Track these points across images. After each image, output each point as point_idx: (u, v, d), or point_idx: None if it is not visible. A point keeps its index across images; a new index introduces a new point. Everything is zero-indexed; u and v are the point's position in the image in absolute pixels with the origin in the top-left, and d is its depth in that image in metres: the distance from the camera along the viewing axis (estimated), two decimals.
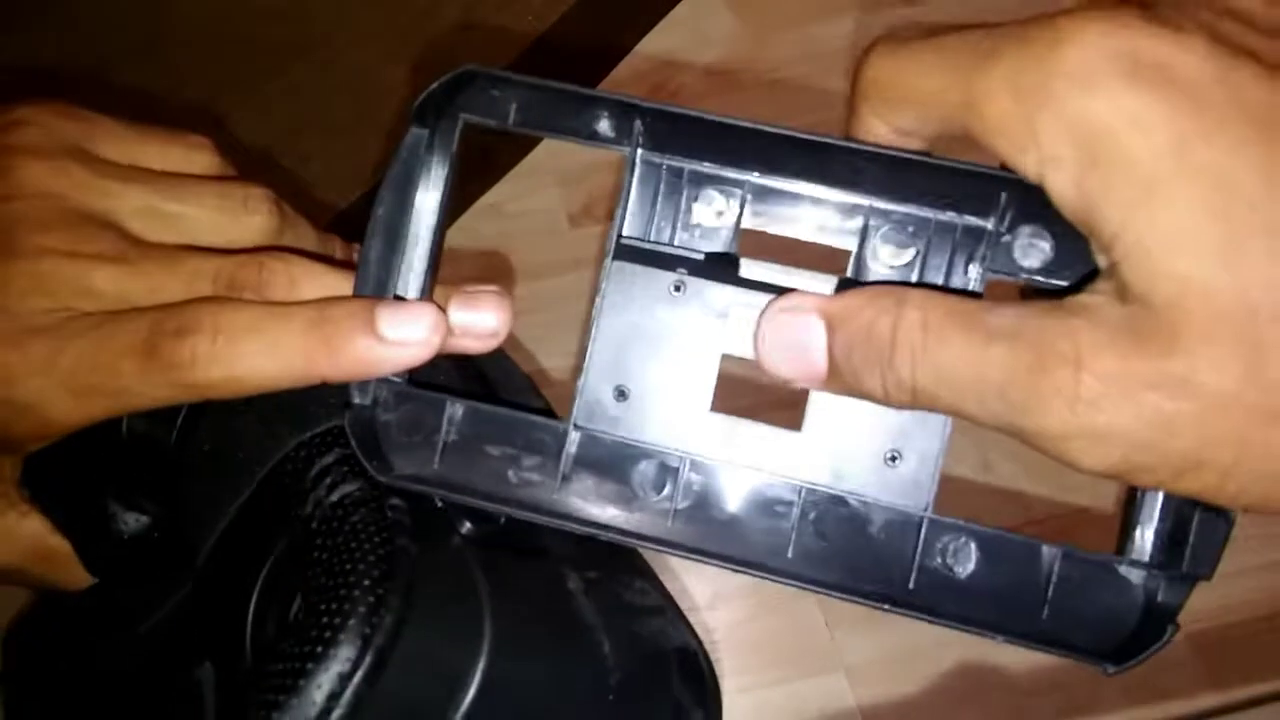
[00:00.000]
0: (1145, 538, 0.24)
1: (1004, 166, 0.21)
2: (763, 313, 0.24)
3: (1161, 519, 0.23)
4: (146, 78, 0.67)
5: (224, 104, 0.67)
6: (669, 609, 0.34)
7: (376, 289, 0.26)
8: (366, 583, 0.24)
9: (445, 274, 0.27)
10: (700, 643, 0.34)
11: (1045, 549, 0.24)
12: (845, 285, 0.25)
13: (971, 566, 0.24)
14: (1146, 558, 0.23)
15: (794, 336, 0.23)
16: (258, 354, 0.24)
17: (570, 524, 0.24)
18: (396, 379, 0.26)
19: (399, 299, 0.25)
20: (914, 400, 0.22)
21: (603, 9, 0.73)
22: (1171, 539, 0.23)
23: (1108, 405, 0.19)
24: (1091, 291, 0.21)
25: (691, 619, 0.60)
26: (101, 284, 0.25)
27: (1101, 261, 0.21)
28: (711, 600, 0.56)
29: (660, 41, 0.74)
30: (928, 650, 0.55)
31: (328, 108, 0.67)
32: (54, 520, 0.30)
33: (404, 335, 0.24)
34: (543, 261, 0.67)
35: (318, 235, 0.30)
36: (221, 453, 0.28)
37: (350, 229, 0.29)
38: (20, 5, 0.71)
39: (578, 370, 0.26)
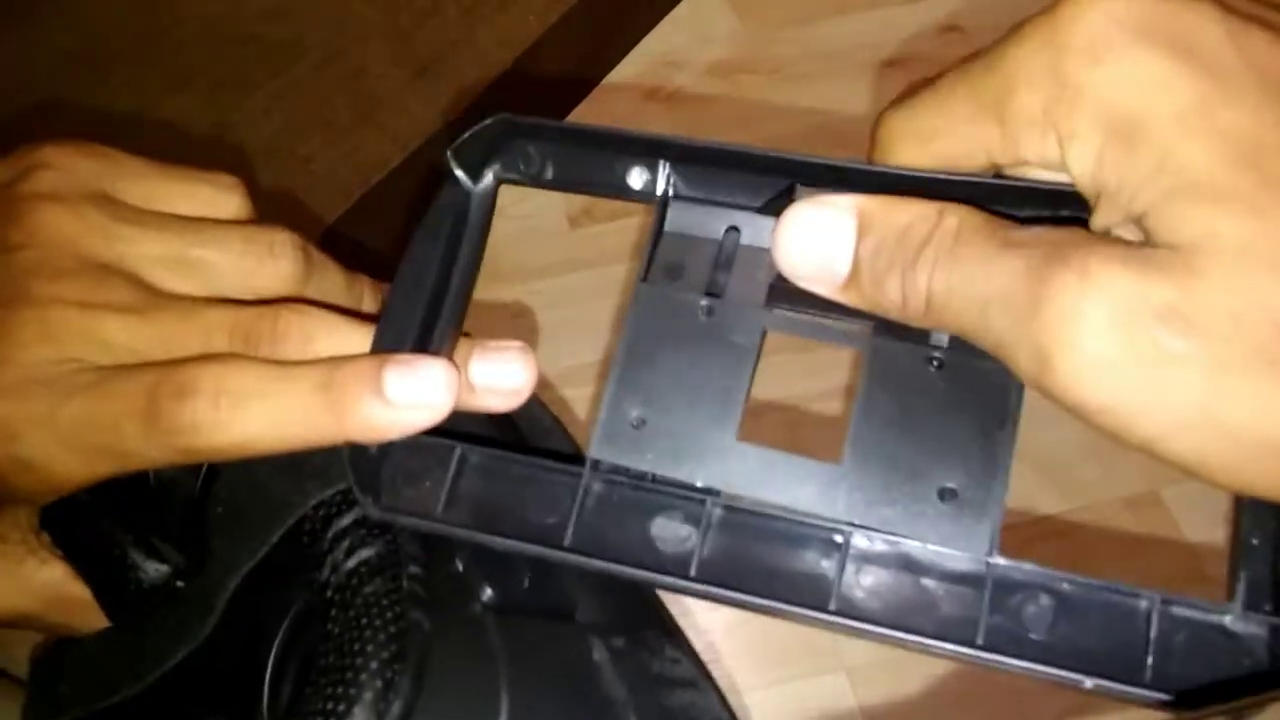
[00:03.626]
0: (1257, 582, 0.20)
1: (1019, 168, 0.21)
2: (790, 207, 0.22)
3: (1274, 554, 0.20)
4: (146, 78, 0.67)
5: (224, 104, 0.66)
6: (701, 680, 0.32)
7: (395, 344, 0.25)
8: (375, 665, 0.23)
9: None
10: (734, 716, 0.32)
11: (1141, 600, 0.20)
12: (884, 327, 0.22)
13: (1049, 626, 0.20)
14: (1263, 605, 0.20)
15: (820, 233, 0.21)
16: (261, 419, 0.23)
17: (583, 561, 0.22)
18: None
19: (417, 351, 0.24)
20: (928, 310, 0.20)
21: (604, 8, 0.73)
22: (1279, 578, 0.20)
23: (1109, 327, 0.18)
24: (1115, 229, 0.20)
25: (692, 619, 0.60)
26: (111, 335, 0.24)
27: (1099, 225, 0.20)
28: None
29: (661, 41, 0.74)
30: None
31: (328, 108, 0.67)
32: (74, 567, 0.29)
33: (414, 399, 0.23)
34: (543, 262, 0.67)
35: (346, 279, 0.29)
36: (241, 506, 0.28)
37: (350, 230, 0.29)
38: (20, 5, 0.71)
39: (594, 376, 0.25)
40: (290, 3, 0.70)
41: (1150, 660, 0.20)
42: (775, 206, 0.24)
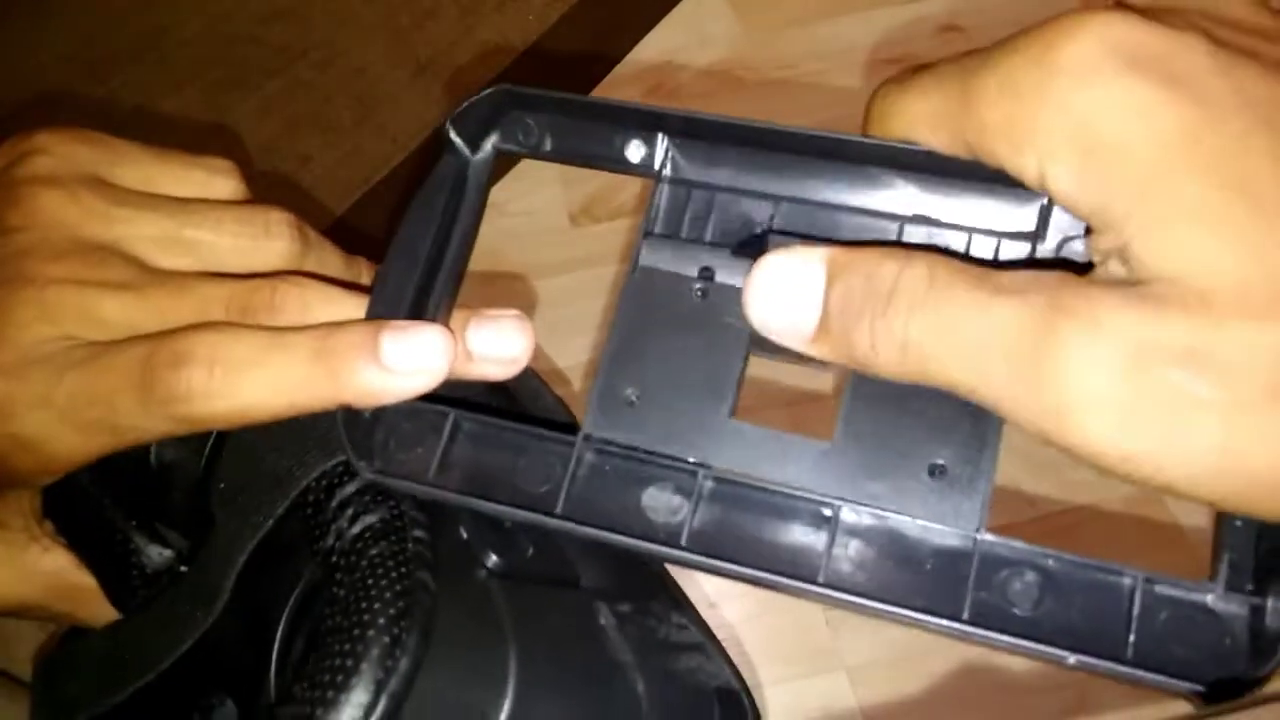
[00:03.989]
0: (1240, 560, 0.20)
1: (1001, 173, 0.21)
2: (759, 259, 0.21)
3: (1259, 535, 0.20)
4: (146, 78, 0.67)
5: (224, 104, 0.67)
6: (708, 645, 0.32)
7: (390, 311, 0.25)
8: (382, 621, 0.23)
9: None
10: (743, 682, 0.32)
11: (1125, 578, 0.20)
12: None
13: (1034, 601, 0.21)
14: (1243, 583, 0.20)
15: (789, 283, 0.21)
16: (258, 385, 0.23)
17: (575, 528, 0.22)
18: None
19: (411, 320, 0.24)
20: (902, 358, 0.19)
21: (603, 8, 0.73)
22: (1267, 557, 0.20)
23: (1125, 374, 0.17)
24: (1105, 268, 0.19)
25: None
26: (108, 312, 0.24)
27: (1100, 256, 0.20)
28: (713, 599, 0.56)
29: (661, 40, 0.74)
30: (928, 650, 0.55)
31: (328, 108, 0.67)
32: (78, 554, 0.29)
33: (410, 364, 0.23)
34: (544, 260, 0.67)
35: (343, 259, 0.29)
36: (243, 481, 0.28)
37: (350, 231, 0.29)
38: (20, 5, 0.71)
39: (592, 374, 0.25)
40: (290, 3, 0.70)
41: (1132, 637, 0.20)
42: (750, 251, 0.24)
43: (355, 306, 0.25)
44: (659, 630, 0.30)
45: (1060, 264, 0.22)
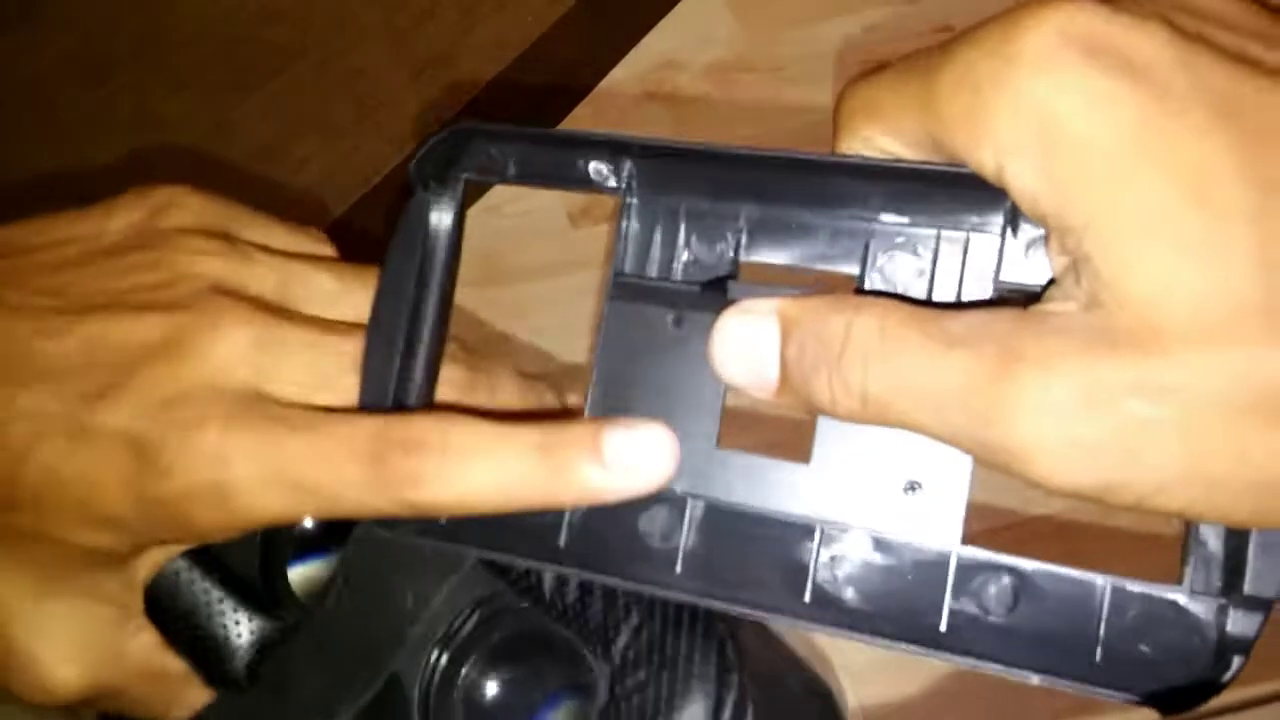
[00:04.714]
0: (1207, 564, 0.21)
1: (954, 165, 0.21)
2: (717, 321, 0.22)
3: (1225, 540, 0.21)
4: (146, 78, 0.67)
5: (223, 104, 0.67)
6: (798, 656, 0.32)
7: (387, 350, 0.26)
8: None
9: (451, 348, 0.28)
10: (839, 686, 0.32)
11: (1096, 583, 0.21)
12: None
13: (1009, 606, 0.22)
14: (1210, 587, 0.21)
15: (746, 341, 0.22)
16: (483, 476, 0.23)
17: (575, 570, 0.23)
18: None
19: (636, 419, 0.24)
20: (863, 408, 0.20)
21: (602, 9, 0.73)
22: (1231, 562, 0.21)
23: (1080, 412, 0.18)
24: (1061, 296, 0.19)
25: None
26: (302, 364, 0.25)
27: (1059, 266, 0.20)
28: None
29: (660, 41, 0.74)
30: None
31: (327, 109, 0.67)
32: (164, 633, 0.28)
33: (633, 463, 0.23)
34: (543, 262, 0.67)
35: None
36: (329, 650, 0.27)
37: (349, 232, 0.30)
38: (20, 5, 0.71)
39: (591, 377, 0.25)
40: (289, 3, 0.70)
41: (1102, 633, 0.21)
42: (717, 301, 0.24)
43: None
44: (771, 641, 0.30)
45: (1018, 293, 0.23)
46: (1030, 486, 0.19)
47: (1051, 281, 0.20)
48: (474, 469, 0.23)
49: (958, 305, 0.23)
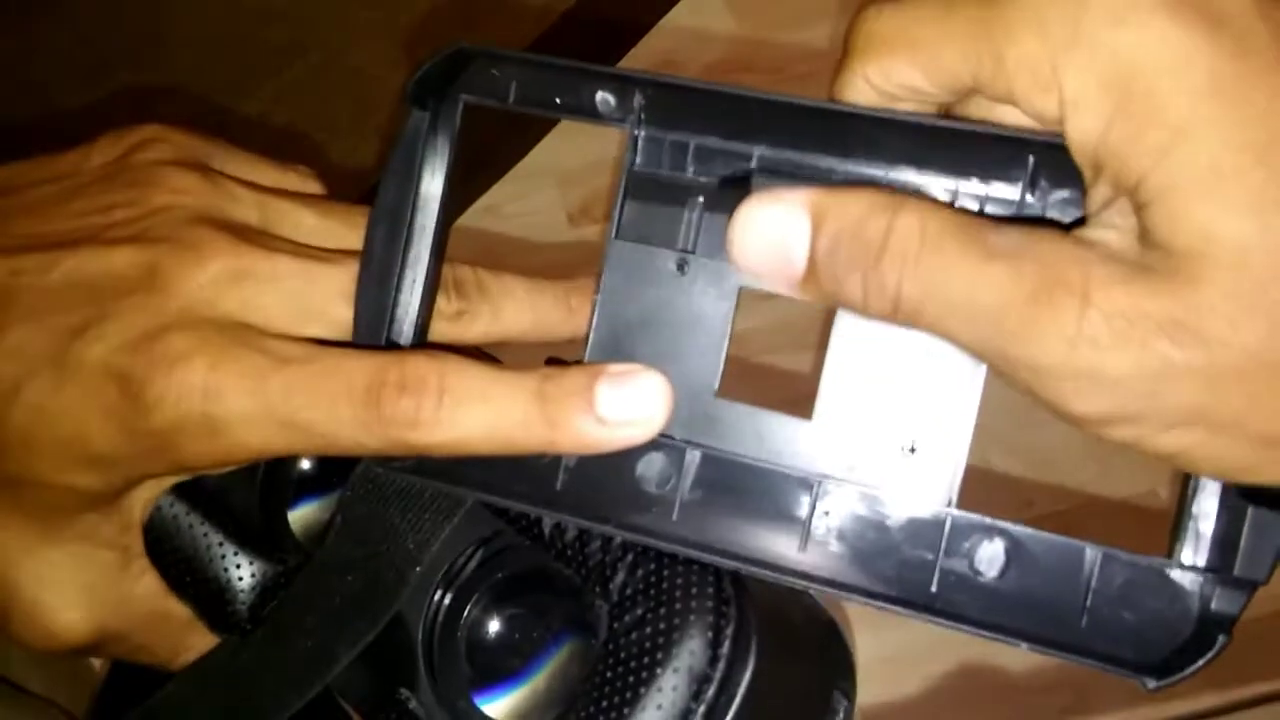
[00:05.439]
0: (1198, 539, 0.21)
1: (1010, 117, 0.20)
2: (741, 205, 0.21)
3: (1217, 518, 0.21)
4: (145, 79, 0.67)
5: (223, 104, 0.67)
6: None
7: (382, 278, 0.25)
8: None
9: (446, 276, 0.27)
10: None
11: (1086, 551, 0.21)
12: None
13: (1000, 568, 0.22)
14: (1199, 561, 0.21)
15: (774, 228, 0.21)
16: (480, 419, 0.23)
17: (571, 517, 0.23)
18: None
19: (629, 365, 0.23)
20: (894, 311, 0.20)
21: (602, 9, 0.73)
22: (1222, 540, 0.21)
23: (1111, 345, 0.18)
24: (1108, 226, 0.19)
25: None
26: (289, 290, 0.25)
27: (1099, 202, 0.19)
28: None
29: (659, 41, 0.74)
30: (928, 650, 0.55)
31: (326, 109, 0.67)
32: (166, 577, 0.28)
33: (626, 414, 0.22)
34: (543, 262, 0.67)
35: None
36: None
37: None
38: (17, 6, 0.71)
39: (579, 355, 0.25)
40: (290, 3, 0.70)
41: (1089, 601, 0.21)
42: (733, 193, 0.23)
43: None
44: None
45: (1047, 222, 0.22)
46: (1037, 406, 0.19)
47: (1082, 221, 0.20)
48: (470, 413, 0.23)
49: (995, 217, 0.22)
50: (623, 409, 0.23)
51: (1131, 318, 0.18)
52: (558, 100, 0.24)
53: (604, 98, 0.24)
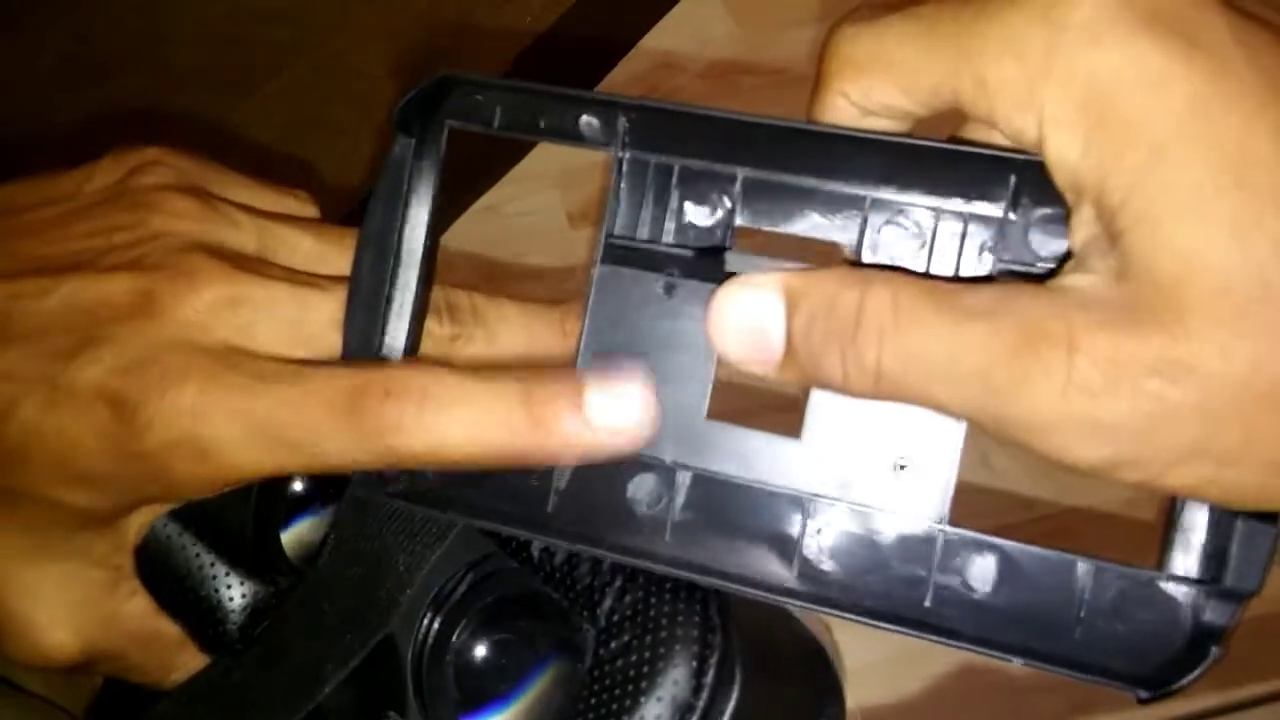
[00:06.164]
0: (1189, 551, 0.21)
1: (984, 139, 0.21)
2: (717, 290, 0.22)
3: (1206, 530, 0.21)
4: (145, 79, 0.68)
5: (224, 104, 0.67)
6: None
7: (370, 303, 0.25)
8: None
9: (444, 278, 0.27)
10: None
11: (1079, 565, 0.21)
12: None
13: (993, 583, 0.22)
14: (1190, 573, 0.21)
15: (750, 315, 0.21)
16: (463, 424, 0.23)
17: (562, 542, 0.23)
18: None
19: (619, 374, 0.23)
20: (876, 385, 0.20)
21: (600, 9, 0.73)
22: (1213, 551, 0.21)
23: (1103, 391, 0.17)
24: (1083, 271, 0.19)
25: None
26: (280, 314, 0.25)
27: (1082, 239, 0.19)
28: None
29: (658, 42, 0.74)
30: (928, 650, 0.55)
31: (326, 109, 0.67)
32: (157, 597, 0.28)
33: (615, 421, 0.22)
34: (543, 262, 0.67)
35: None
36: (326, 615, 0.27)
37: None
38: (21, 5, 0.71)
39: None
40: (289, 3, 0.70)
41: (1081, 614, 0.21)
42: (712, 270, 0.24)
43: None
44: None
45: (1019, 275, 0.22)
46: (1036, 460, 0.19)
47: (1068, 257, 0.20)
48: (454, 416, 0.23)
49: (966, 279, 0.23)
50: (611, 414, 0.22)
51: (1120, 362, 0.17)
52: (541, 124, 0.25)
53: (588, 121, 0.24)
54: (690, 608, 0.23)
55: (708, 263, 0.24)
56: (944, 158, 0.22)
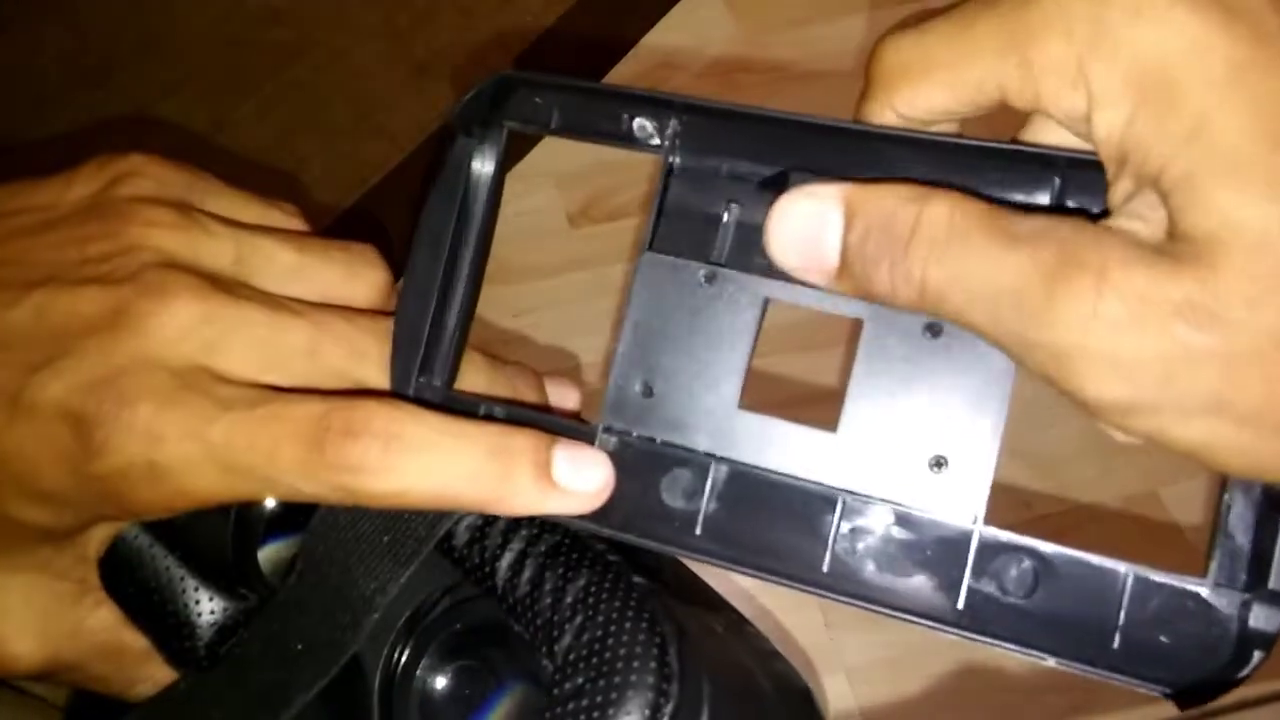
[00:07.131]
0: (1233, 557, 0.21)
1: (1039, 141, 0.21)
2: (778, 200, 0.22)
3: (1250, 534, 0.21)
4: (145, 80, 0.68)
5: (222, 105, 0.67)
6: (780, 654, 0.32)
7: (422, 298, 0.26)
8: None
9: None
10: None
11: (1119, 570, 0.21)
12: None
13: (1029, 588, 0.21)
14: (1234, 580, 0.21)
15: (808, 221, 0.21)
16: (427, 469, 0.22)
17: (593, 527, 0.23)
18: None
19: (579, 442, 0.24)
20: (920, 299, 0.20)
21: (601, 8, 0.73)
22: (1257, 555, 0.20)
23: (1128, 326, 0.18)
24: (1135, 217, 0.19)
25: None
26: (249, 338, 0.24)
27: (1121, 196, 0.20)
28: None
29: (659, 41, 0.74)
30: (928, 650, 0.55)
31: (326, 109, 0.67)
32: (126, 610, 0.27)
33: (576, 484, 0.23)
34: (543, 262, 0.67)
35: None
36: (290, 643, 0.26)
37: (348, 234, 0.29)
38: (21, 5, 0.71)
39: (595, 375, 0.25)
40: (289, 4, 0.70)
41: (1121, 621, 0.21)
42: (770, 189, 0.24)
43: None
44: (756, 640, 0.30)
45: (1079, 212, 0.22)
46: (1060, 394, 0.19)
47: (1106, 213, 0.20)
48: (419, 462, 0.22)
49: (1024, 206, 0.22)
50: (575, 478, 0.23)
51: (1149, 299, 0.18)
52: (597, 127, 0.25)
53: (641, 124, 0.25)
54: (648, 653, 0.22)
55: (770, 194, 0.23)
56: (991, 156, 0.22)
